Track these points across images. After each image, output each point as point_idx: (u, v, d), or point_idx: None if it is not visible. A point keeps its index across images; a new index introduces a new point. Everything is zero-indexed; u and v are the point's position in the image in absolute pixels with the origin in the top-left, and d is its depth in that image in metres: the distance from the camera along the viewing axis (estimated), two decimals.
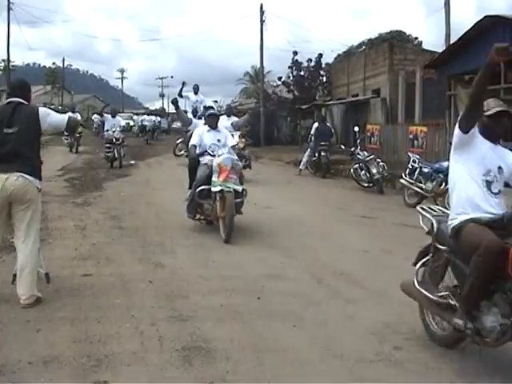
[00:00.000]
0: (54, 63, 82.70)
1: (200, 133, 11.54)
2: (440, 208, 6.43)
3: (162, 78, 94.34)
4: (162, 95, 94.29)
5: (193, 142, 11.45)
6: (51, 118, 7.19)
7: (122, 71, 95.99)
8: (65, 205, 13.76)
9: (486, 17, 20.64)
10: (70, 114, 7.02)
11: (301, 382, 4.99)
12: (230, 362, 5.29)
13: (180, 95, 22.55)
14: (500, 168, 5.42)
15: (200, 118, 14.05)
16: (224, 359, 5.33)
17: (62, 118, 7.44)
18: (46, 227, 10.40)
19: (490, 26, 20.56)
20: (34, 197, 6.86)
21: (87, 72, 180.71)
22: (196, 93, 23.47)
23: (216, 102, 52.34)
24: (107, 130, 24.31)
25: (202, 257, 9.22)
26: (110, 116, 25.54)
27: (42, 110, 7.20)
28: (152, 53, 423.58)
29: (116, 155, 23.48)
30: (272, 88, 48.11)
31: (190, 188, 11.51)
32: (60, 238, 10.23)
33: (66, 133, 7.21)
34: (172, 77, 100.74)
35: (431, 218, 5.95)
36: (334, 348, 5.67)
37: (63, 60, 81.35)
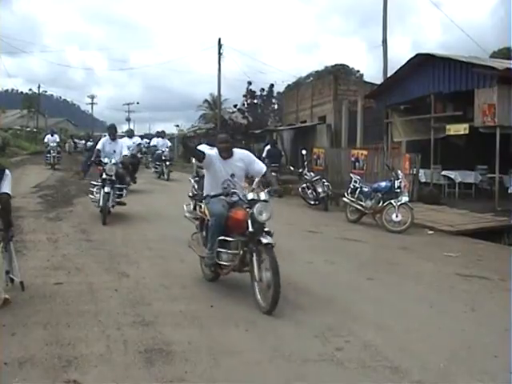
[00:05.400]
0: (30, 89, 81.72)
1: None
2: None
3: (128, 104, 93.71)
4: (128, 119, 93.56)
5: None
6: (5, 181, 7.04)
7: (92, 97, 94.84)
8: (38, 219, 13.60)
9: (417, 54, 21.14)
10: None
11: (252, 380, 5.04)
12: (189, 362, 5.31)
13: None
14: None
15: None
16: (183, 360, 5.36)
17: (7, 188, 7.05)
18: (21, 240, 10.29)
19: (421, 63, 21.06)
20: None
21: (60, 98, 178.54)
22: None
23: (178, 125, 52.22)
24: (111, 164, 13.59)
25: (163, 267, 9.22)
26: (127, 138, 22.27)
27: (8, 174, 7.10)
28: (120, 81, 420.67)
29: None
30: (228, 114, 48.24)
31: None
32: (34, 249, 10.12)
33: None
34: (138, 103, 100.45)
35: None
36: (282, 350, 5.71)
37: (39, 86, 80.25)
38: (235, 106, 44.59)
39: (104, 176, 13.44)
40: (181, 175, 26.79)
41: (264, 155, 23.52)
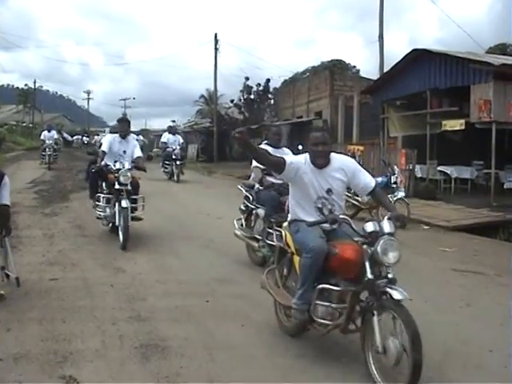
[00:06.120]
0: (26, 85, 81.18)
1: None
2: None
3: (125, 99, 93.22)
4: (124, 115, 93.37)
5: None
6: (5, 191, 7.06)
7: (88, 92, 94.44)
8: (34, 215, 13.60)
9: (414, 50, 21.14)
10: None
11: (248, 375, 5.05)
12: (184, 358, 5.33)
13: None
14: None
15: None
16: (178, 356, 5.37)
17: (7, 199, 7.10)
18: (16, 235, 10.25)
19: (417, 58, 21.07)
20: None
21: (56, 93, 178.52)
22: None
23: (174, 121, 52.21)
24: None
25: (159, 262, 9.22)
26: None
27: (6, 181, 7.11)
28: (116, 76, 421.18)
29: None
30: (225, 109, 48.22)
31: None
32: (29, 245, 10.13)
33: None
34: (134, 98, 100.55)
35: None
36: (278, 345, 5.75)
37: (35, 82, 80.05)
38: (232, 101, 44.59)
39: (117, 186, 10.46)
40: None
41: None
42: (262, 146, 8.95)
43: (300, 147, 21.04)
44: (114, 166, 10.71)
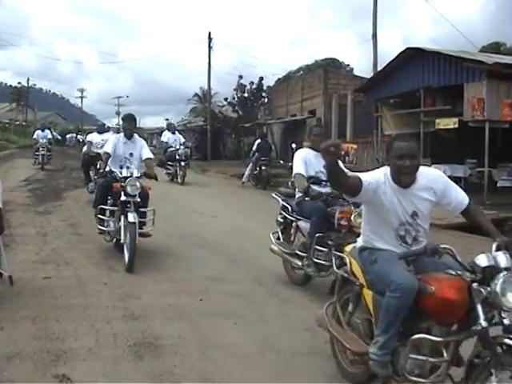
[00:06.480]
0: (19, 83, 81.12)
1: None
2: None
3: (118, 98, 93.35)
4: (118, 113, 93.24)
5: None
6: None
7: (81, 91, 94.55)
8: (27, 213, 13.56)
9: (407, 49, 21.17)
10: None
11: (242, 374, 5.05)
12: (178, 356, 5.33)
13: None
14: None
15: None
16: (172, 354, 5.37)
17: None
18: (9, 234, 10.22)
19: (411, 57, 21.09)
20: None
21: (50, 91, 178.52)
22: None
23: (168, 119, 52.18)
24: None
25: (153, 261, 9.18)
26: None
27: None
28: (110, 74, 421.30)
29: None
30: (218, 108, 48.19)
31: None
32: (22, 243, 10.09)
33: None
34: (128, 96, 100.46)
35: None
36: (271, 343, 5.74)
37: (28, 80, 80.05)
38: (225, 99, 44.54)
39: (124, 197, 8.89)
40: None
41: (254, 149, 23.56)
42: (303, 150, 7.99)
43: (294, 145, 21.10)
44: (121, 172, 9.21)
